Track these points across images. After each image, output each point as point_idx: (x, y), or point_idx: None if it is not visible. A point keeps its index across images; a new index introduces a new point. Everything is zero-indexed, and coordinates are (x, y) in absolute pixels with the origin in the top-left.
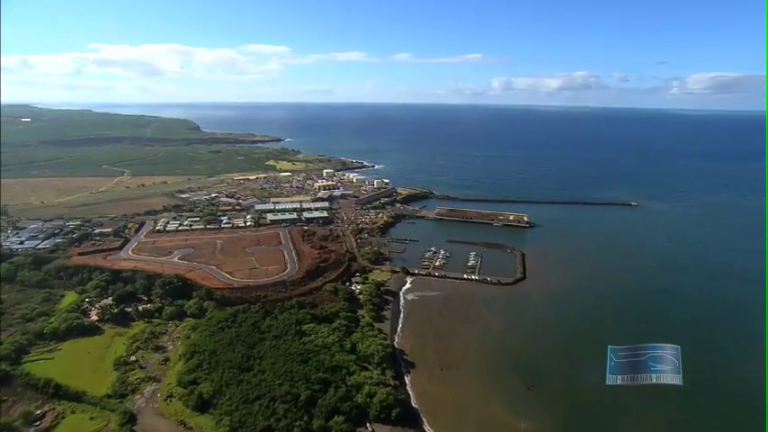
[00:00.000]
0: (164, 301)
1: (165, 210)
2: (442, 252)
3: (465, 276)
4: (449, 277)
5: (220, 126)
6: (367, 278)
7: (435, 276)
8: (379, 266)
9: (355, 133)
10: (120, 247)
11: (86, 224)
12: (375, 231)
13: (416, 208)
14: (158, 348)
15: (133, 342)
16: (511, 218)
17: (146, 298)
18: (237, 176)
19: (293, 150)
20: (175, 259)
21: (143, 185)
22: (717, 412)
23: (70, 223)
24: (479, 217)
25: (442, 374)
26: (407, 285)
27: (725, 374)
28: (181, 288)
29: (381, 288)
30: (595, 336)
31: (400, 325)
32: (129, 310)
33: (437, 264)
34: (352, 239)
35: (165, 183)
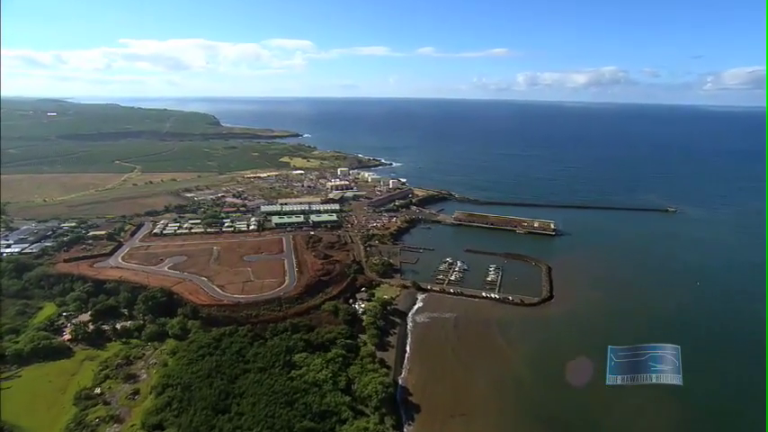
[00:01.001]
0: (146, 317)
1: (167, 210)
2: (458, 264)
3: (484, 294)
4: (465, 295)
5: (241, 121)
6: (373, 294)
7: (450, 293)
8: (387, 280)
9: (376, 129)
10: (111, 253)
11: (82, 225)
12: (387, 238)
13: (433, 211)
14: (130, 378)
15: (103, 369)
16: (536, 225)
17: (128, 313)
18: (249, 174)
19: (309, 147)
20: (165, 268)
21: (151, 182)
22: None
23: (65, 225)
24: (501, 223)
25: (453, 425)
26: (418, 304)
27: None
28: (165, 304)
29: (388, 308)
30: None
31: (407, 355)
32: (107, 328)
33: (453, 278)
34: (361, 247)
35: (174, 180)
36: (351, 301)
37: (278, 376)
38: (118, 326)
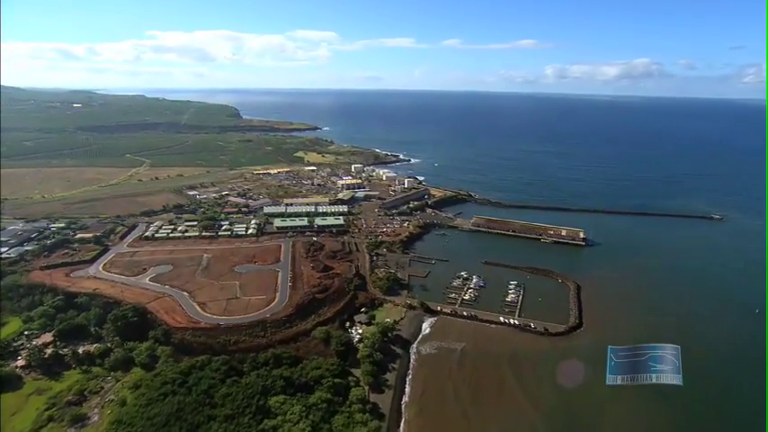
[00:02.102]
0: (115, 339)
1: (165, 210)
2: (474, 279)
3: (501, 319)
4: (480, 319)
5: (263, 112)
6: (374, 317)
7: (463, 317)
8: (392, 298)
9: (397, 123)
10: (93, 260)
11: (72, 227)
12: (396, 245)
13: (450, 215)
14: (77, 420)
15: (49, 408)
16: (563, 233)
17: (97, 333)
18: (259, 170)
19: (326, 141)
20: (146, 280)
21: (156, 178)
22: None
23: (53, 225)
24: (524, 230)
25: None
26: (425, 330)
27: None
28: (137, 325)
29: (389, 335)
30: None
31: (405, 400)
32: (66, 353)
33: (467, 297)
34: (367, 257)
35: (181, 175)
36: (347, 324)
37: (247, 428)
38: (81, 350)
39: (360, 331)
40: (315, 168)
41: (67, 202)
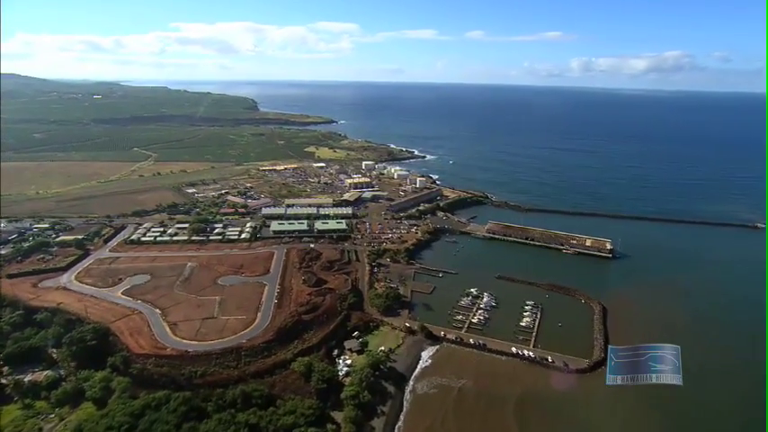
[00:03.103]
0: (70, 365)
1: (158, 210)
2: (485, 299)
3: (514, 350)
4: (489, 349)
5: (281, 105)
6: (366, 344)
7: (469, 345)
8: (391, 319)
9: (417, 116)
10: (68, 267)
11: (57, 227)
12: (401, 254)
13: (463, 219)
14: None
15: None
16: (588, 243)
17: (53, 355)
18: (266, 166)
19: (340, 135)
20: (118, 293)
21: (159, 174)
22: None
23: (37, 226)
24: (545, 239)
25: None
26: (424, 361)
27: None
28: (95, 349)
29: (382, 367)
30: None
31: None
32: (10, 381)
33: (475, 320)
34: (367, 268)
35: (185, 171)
36: (335, 352)
37: None
38: (28, 378)
39: (348, 362)
40: (324, 165)
41: (61, 199)
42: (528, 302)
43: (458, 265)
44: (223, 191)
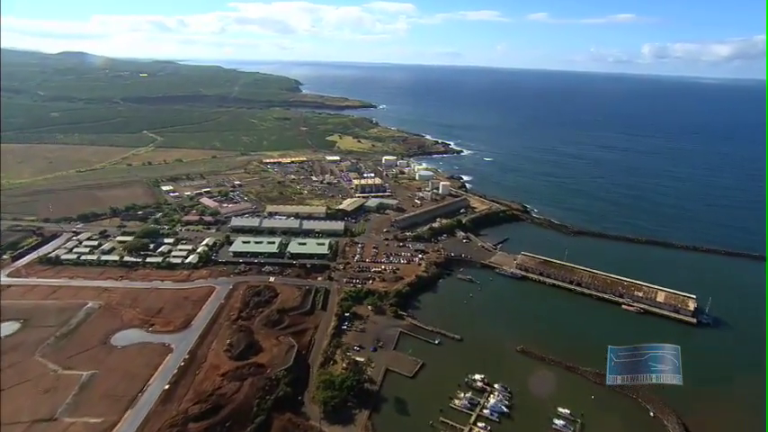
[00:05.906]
0: None
1: (109, 216)
2: (494, 398)
3: None
4: None
5: (328, 87)
6: None
7: None
8: (338, 430)
9: (465, 103)
10: None
11: None
12: (390, 299)
13: (489, 244)
14: None
15: None
16: (659, 298)
17: None
18: (273, 158)
19: (372, 122)
20: None
21: (149, 163)
22: None
23: None
24: (596, 286)
25: None
26: None
27: None
28: None
29: None
30: None
31: None
32: None
33: None
34: (333, 323)
35: (180, 161)
36: None
37: None
38: None
39: None
40: (337, 159)
41: (18, 192)
42: (561, 411)
43: (466, 324)
44: (203, 190)
